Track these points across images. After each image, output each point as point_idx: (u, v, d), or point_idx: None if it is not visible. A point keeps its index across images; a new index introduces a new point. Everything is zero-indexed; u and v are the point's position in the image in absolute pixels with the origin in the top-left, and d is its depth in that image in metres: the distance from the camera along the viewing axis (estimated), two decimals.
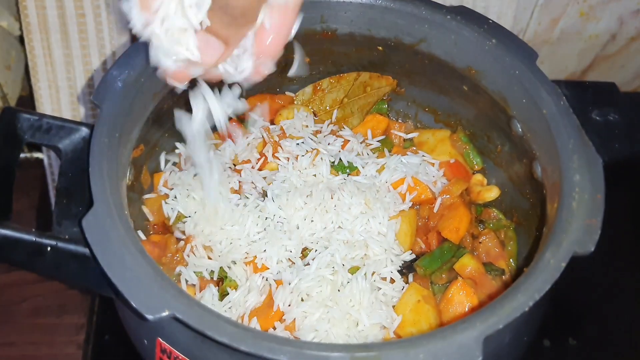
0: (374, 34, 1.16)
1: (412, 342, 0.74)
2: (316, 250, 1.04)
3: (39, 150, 1.53)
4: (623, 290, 1.31)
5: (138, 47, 0.99)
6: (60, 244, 0.84)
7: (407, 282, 1.05)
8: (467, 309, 1.02)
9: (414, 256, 1.08)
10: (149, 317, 0.73)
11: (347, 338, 0.95)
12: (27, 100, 1.54)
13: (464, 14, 1.08)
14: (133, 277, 0.76)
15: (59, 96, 1.44)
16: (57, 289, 1.35)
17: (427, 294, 1.03)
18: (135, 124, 0.99)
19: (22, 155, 1.50)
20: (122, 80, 0.95)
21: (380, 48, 1.19)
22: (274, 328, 0.99)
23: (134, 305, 0.73)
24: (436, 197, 1.14)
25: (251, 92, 1.24)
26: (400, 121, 1.29)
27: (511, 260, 1.14)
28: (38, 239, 0.84)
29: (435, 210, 1.13)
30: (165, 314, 0.73)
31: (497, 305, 0.77)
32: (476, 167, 1.22)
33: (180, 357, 0.83)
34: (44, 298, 1.35)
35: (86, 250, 0.82)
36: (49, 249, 0.84)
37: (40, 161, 1.50)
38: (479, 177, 1.20)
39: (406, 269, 1.07)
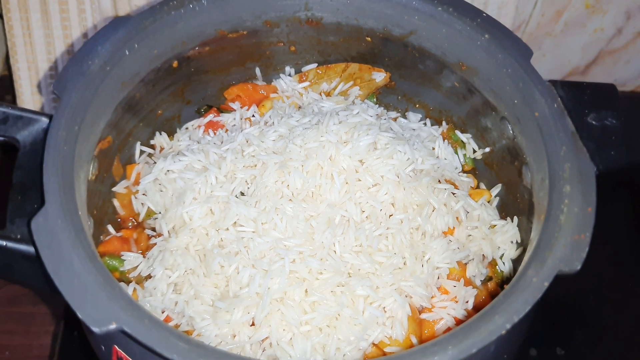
0: (362, 24, 1.11)
1: None
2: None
3: None
4: (612, 299, 1.27)
5: (105, 32, 0.93)
6: (10, 244, 0.80)
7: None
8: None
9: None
10: (95, 329, 0.68)
11: (320, 348, 0.90)
12: (9, 80, 1.49)
13: (457, 5, 1.02)
14: (80, 285, 0.71)
15: (39, 78, 1.41)
16: None
17: None
18: (100, 115, 0.93)
19: None
20: (86, 69, 0.89)
21: (369, 39, 1.14)
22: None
23: (79, 316, 0.69)
24: None
25: (233, 81, 1.19)
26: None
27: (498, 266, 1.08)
28: None
29: None
30: (112, 327, 0.69)
31: (472, 326, 0.73)
32: (466, 167, 1.18)
33: None
34: (20, 286, 1.31)
35: None
36: None
37: None
38: (469, 177, 1.15)
39: None
